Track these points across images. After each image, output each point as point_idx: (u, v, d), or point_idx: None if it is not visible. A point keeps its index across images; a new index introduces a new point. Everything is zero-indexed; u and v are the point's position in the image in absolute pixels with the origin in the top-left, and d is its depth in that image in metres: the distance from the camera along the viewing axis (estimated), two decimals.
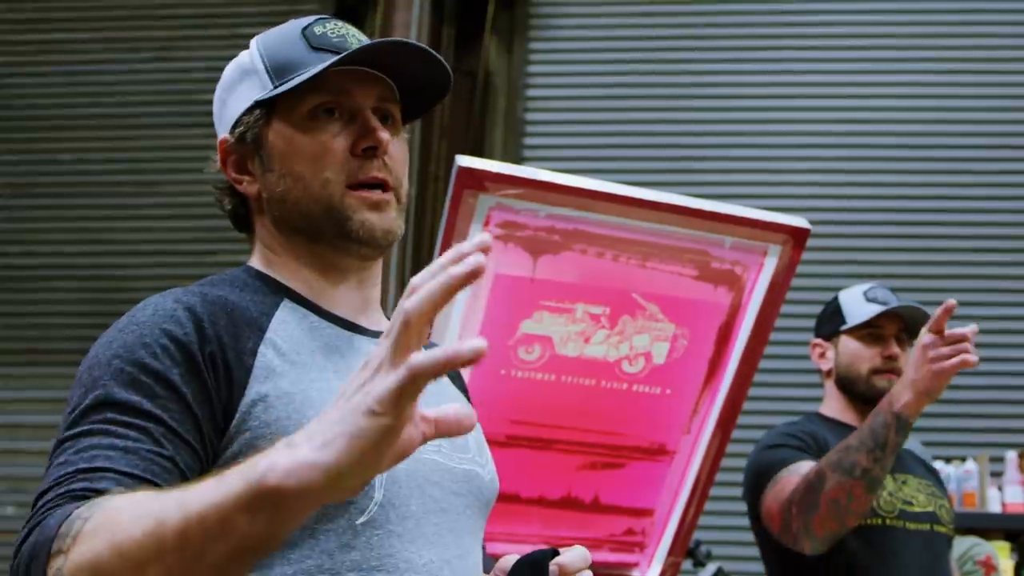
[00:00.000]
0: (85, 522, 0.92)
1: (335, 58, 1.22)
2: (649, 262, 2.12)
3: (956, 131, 4.13)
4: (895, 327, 2.49)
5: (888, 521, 2.33)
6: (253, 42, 1.32)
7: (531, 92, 4.28)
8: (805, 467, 2.32)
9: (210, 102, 1.36)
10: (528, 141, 4.24)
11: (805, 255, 2.26)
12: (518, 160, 4.07)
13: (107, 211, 4.41)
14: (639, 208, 2.08)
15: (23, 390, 4.28)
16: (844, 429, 2.44)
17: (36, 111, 4.52)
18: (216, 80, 1.35)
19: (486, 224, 2.00)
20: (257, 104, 1.26)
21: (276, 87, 1.25)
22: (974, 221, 4.05)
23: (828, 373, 2.55)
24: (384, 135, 1.24)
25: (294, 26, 1.29)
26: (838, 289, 2.65)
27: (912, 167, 4.12)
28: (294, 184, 1.24)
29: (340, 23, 1.29)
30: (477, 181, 1.96)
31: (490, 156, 3.84)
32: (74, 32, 4.56)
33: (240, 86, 1.30)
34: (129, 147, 4.43)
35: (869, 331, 2.49)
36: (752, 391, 2.37)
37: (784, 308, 2.33)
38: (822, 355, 2.57)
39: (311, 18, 1.30)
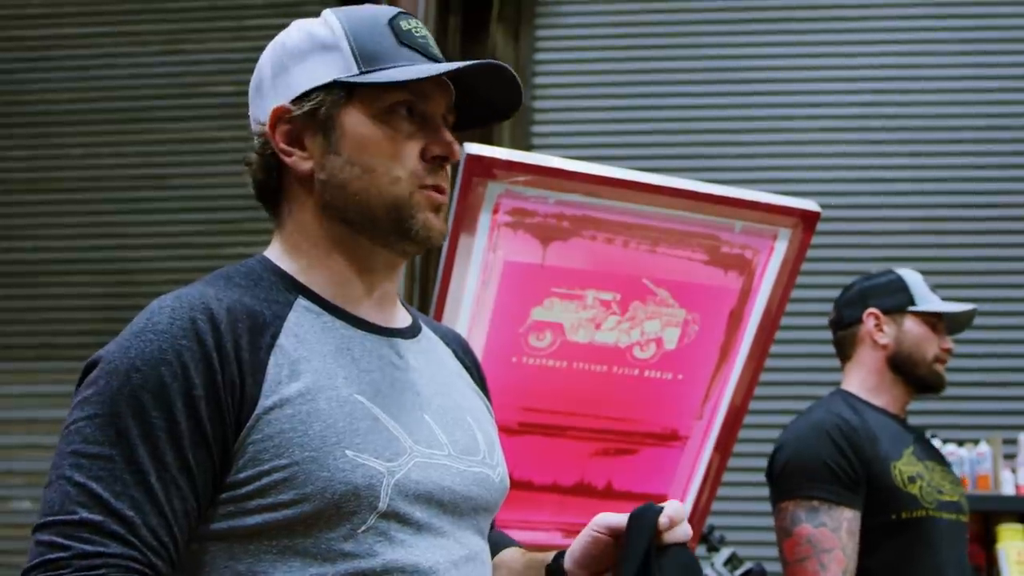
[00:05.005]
0: None
1: (426, 62, 1.24)
2: (659, 247, 2.12)
3: (970, 112, 4.11)
4: (944, 322, 2.49)
5: (931, 512, 2.30)
6: (332, 16, 1.27)
7: (538, 80, 4.27)
8: (834, 518, 2.25)
9: (219, 94, 1.35)
10: (536, 129, 4.23)
11: (815, 239, 2.26)
12: (527, 148, 4.06)
13: (118, 205, 4.42)
14: (648, 193, 2.08)
15: (37, 385, 4.30)
16: (880, 412, 2.41)
17: (45, 106, 4.52)
18: (224, 72, 1.34)
19: (495, 212, 2.00)
20: (337, 83, 1.23)
21: (363, 73, 1.22)
22: (989, 203, 4.03)
23: (884, 347, 2.46)
24: (457, 147, 1.26)
25: (377, 13, 1.26)
26: (850, 273, 2.64)
27: (925, 150, 4.10)
28: (362, 174, 1.22)
29: (418, 22, 1.29)
30: (486, 169, 1.96)
31: (498, 144, 3.83)
32: (82, 27, 4.57)
33: (314, 57, 1.25)
34: (139, 141, 4.44)
35: (932, 320, 2.46)
36: (763, 376, 2.37)
37: (795, 292, 2.33)
38: (879, 327, 2.46)
39: (392, 10, 1.28)
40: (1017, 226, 4.01)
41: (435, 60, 1.26)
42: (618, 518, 1.25)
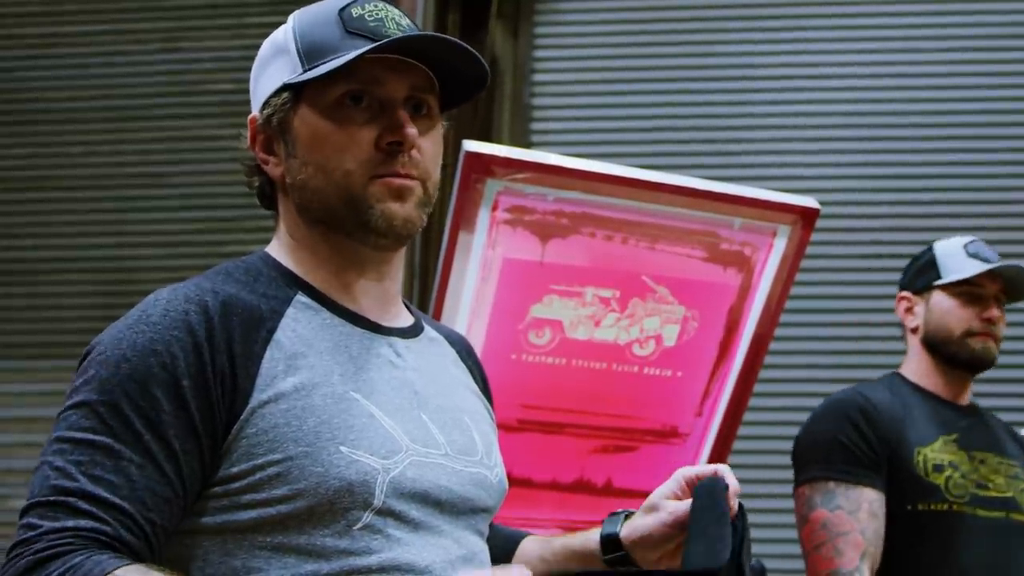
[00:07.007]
0: None
1: (367, 46, 1.19)
2: (658, 244, 2.12)
3: (970, 108, 4.10)
4: (996, 287, 2.28)
5: (956, 507, 2.12)
6: (290, 18, 1.28)
7: (538, 76, 4.27)
8: (851, 500, 2.12)
9: (218, 92, 1.35)
10: (535, 125, 4.23)
11: (815, 236, 2.26)
12: (525, 144, 4.06)
13: (117, 203, 4.42)
14: (647, 190, 2.08)
15: (37, 383, 4.30)
16: (925, 396, 2.26)
17: (44, 104, 4.52)
18: (223, 70, 1.34)
19: (494, 209, 2.00)
20: (285, 87, 1.23)
21: (305, 71, 1.22)
22: (991, 200, 4.03)
23: (914, 330, 2.31)
24: (411, 131, 1.21)
25: (332, 5, 1.25)
26: (849, 270, 2.63)
27: (926, 147, 4.10)
28: (316, 173, 1.21)
29: (380, 4, 1.25)
30: (485, 166, 1.96)
31: (497, 141, 3.83)
32: (81, 24, 4.56)
33: (272, 64, 1.26)
34: (138, 139, 4.43)
35: (967, 289, 2.27)
36: (763, 372, 2.37)
37: (794, 289, 2.33)
38: (908, 310, 2.33)
39: None
40: (1020, 223, 4.00)
41: None
42: (683, 506, 1.32)
